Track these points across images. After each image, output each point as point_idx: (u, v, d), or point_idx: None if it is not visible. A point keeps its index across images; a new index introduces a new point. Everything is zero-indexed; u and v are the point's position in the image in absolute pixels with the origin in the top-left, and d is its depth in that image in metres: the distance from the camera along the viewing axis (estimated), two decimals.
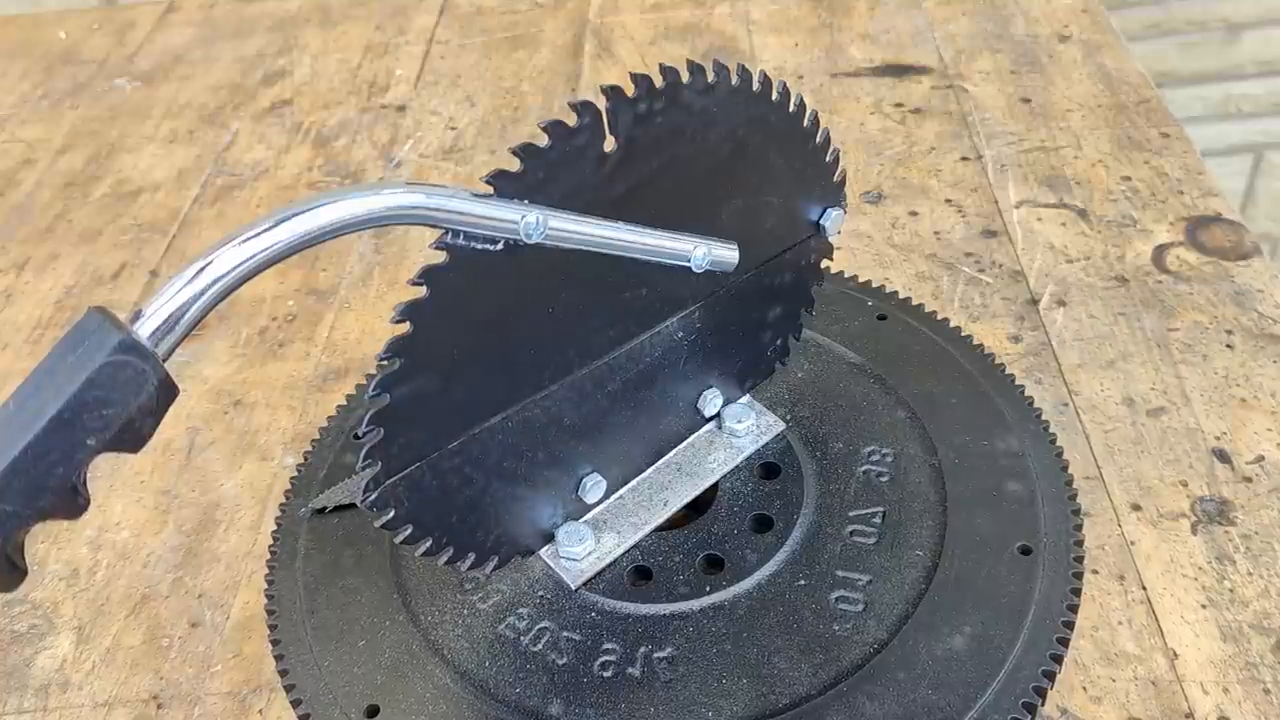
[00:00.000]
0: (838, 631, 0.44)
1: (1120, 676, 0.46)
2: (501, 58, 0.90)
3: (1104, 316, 0.61)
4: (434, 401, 0.40)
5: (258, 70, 0.93)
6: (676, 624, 0.45)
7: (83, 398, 0.30)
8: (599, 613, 0.45)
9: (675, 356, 0.47)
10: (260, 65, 0.94)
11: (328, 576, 0.48)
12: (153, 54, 0.98)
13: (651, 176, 0.42)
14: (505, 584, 0.47)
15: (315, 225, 0.33)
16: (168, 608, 0.54)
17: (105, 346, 0.30)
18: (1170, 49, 1.30)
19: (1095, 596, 0.49)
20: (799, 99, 0.45)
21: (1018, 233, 0.67)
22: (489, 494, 0.44)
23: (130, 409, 0.31)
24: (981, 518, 0.47)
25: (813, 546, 0.47)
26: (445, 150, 0.81)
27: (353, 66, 0.92)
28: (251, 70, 0.93)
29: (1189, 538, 0.50)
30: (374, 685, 0.44)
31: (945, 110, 0.78)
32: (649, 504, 0.49)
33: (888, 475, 0.49)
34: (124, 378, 0.30)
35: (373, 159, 0.81)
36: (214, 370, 0.66)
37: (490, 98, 0.86)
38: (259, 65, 0.94)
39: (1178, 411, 0.56)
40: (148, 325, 0.31)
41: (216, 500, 0.58)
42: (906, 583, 0.45)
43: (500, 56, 0.90)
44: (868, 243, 0.68)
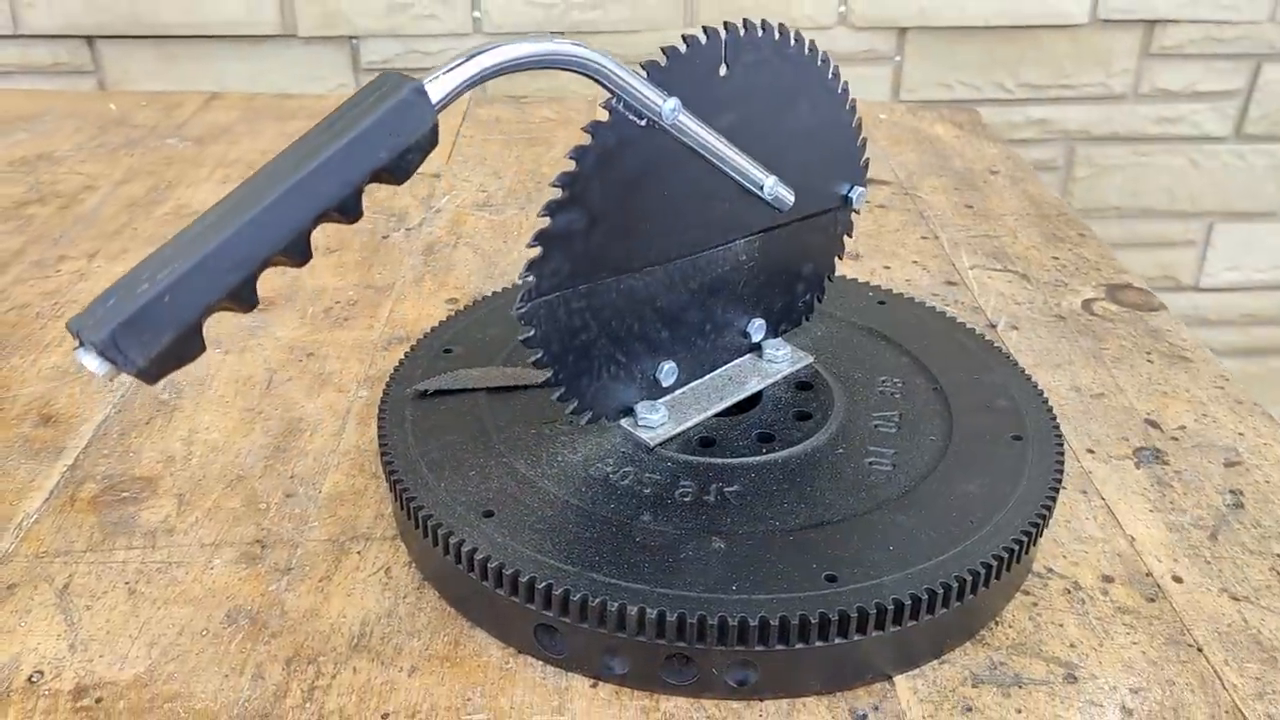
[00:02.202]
0: (873, 480, 0.53)
1: (1091, 550, 0.56)
2: (522, 149, 1.04)
3: (1049, 338, 0.75)
4: (578, 241, 0.50)
5: None
6: (740, 471, 0.54)
7: (385, 120, 0.40)
8: (674, 463, 0.54)
9: (737, 276, 0.58)
10: None
11: (435, 433, 0.56)
12: (200, 126, 1.09)
13: (744, 110, 0.54)
14: (590, 445, 0.55)
15: (536, 52, 0.45)
16: (262, 484, 0.60)
17: (404, 88, 0.40)
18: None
19: (1065, 503, 0.59)
20: (845, 85, 0.59)
21: (974, 284, 0.82)
22: (597, 347, 0.53)
23: (413, 138, 0.40)
24: (979, 419, 0.58)
25: (846, 431, 0.57)
26: (478, 205, 0.93)
27: None
28: None
29: (1134, 470, 0.62)
30: (486, 499, 0.51)
31: (905, 209, 0.94)
32: (707, 398, 0.58)
33: (900, 394, 0.60)
34: (414, 113, 0.41)
35: (413, 206, 0.93)
36: (286, 332, 0.74)
37: (515, 174, 0.99)
38: None
39: (1115, 397, 0.69)
40: (430, 88, 0.42)
41: (299, 416, 0.65)
42: (926, 456, 0.55)
43: (520, 148, 1.04)
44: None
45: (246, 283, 0.38)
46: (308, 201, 0.39)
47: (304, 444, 0.63)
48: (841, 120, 0.59)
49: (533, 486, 0.52)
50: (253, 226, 0.38)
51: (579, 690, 0.47)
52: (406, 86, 0.40)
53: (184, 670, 0.48)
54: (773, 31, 0.54)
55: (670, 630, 0.45)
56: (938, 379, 0.61)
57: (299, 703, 0.46)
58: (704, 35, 0.51)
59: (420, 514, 0.51)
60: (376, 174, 0.40)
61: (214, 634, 0.50)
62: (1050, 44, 1.59)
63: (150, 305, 0.36)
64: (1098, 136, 1.66)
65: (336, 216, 0.40)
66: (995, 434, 0.57)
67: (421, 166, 0.43)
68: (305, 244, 0.39)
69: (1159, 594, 0.53)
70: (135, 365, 0.36)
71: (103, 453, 0.62)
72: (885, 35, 1.56)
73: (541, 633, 0.48)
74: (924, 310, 0.69)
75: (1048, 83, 1.61)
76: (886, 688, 0.48)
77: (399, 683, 0.47)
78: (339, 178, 0.39)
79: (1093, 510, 0.59)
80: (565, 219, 0.49)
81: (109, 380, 0.37)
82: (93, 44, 1.51)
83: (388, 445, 0.55)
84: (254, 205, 0.38)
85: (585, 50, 0.46)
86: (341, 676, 0.48)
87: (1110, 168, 1.68)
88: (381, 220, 0.90)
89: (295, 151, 0.40)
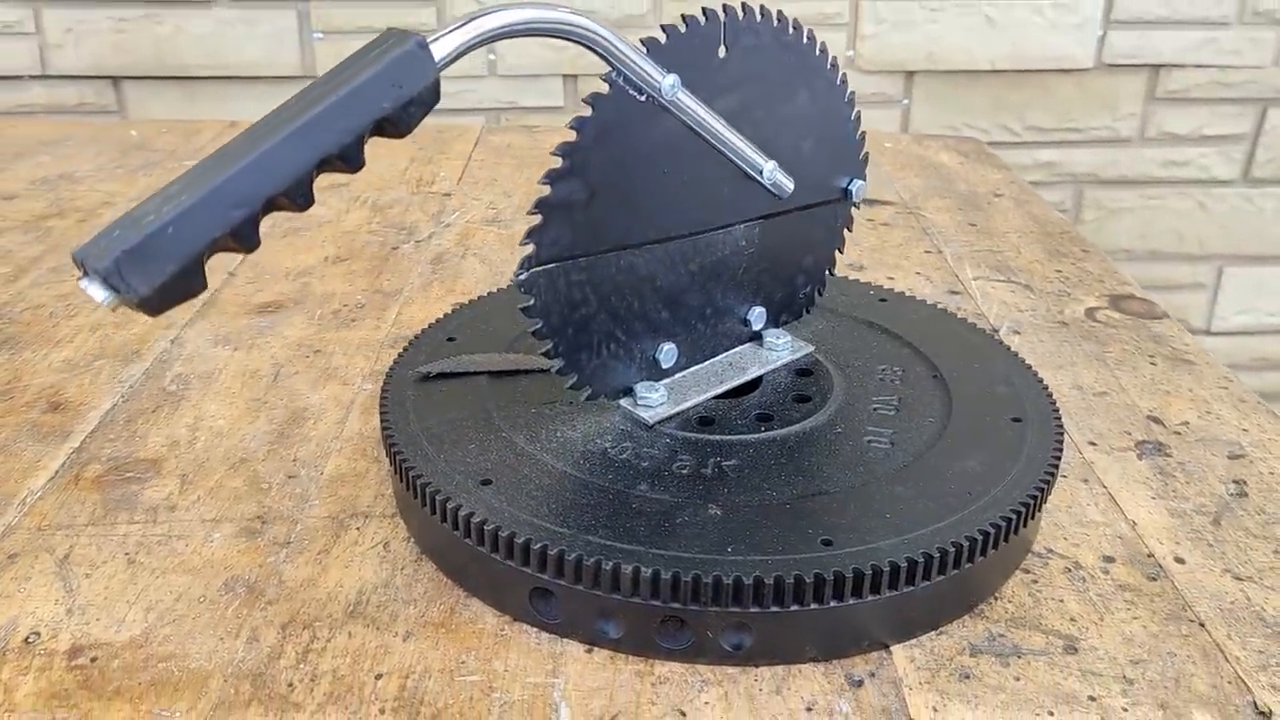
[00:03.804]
0: (871, 456, 0.53)
1: (1093, 533, 0.55)
2: (533, 171, 1.06)
3: (1051, 342, 0.75)
4: (578, 211, 0.51)
5: None
6: (738, 447, 0.54)
7: (389, 71, 0.41)
8: (672, 439, 0.54)
9: (737, 261, 0.59)
10: None
11: (436, 411, 0.56)
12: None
13: (743, 94, 0.55)
14: (589, 423, 0.56)
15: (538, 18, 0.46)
16: (265, 466, 0.60)
17: (407, 42, 0.42)
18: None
19: (1066, 490, 0.59)
20: (844, 78, 0.60)
21: (977, 293, 0.82)
22: (596, 322, 0.54)
23: (415, 90, 0.42)
24: (979, 402, 0.58)
25: (845, 412, 0.57)
26: (488, 220, 0.94)
27: (401, 169, 1.07)
28: None
29: (1137, 461, 0.62)
30: (485, 469, 0.52)
31: (909, 226, 0.95)
32: (707, 381, 0.59)
33: (900, 380, 0.60)
34: (416, 66, 0.42)
35: (424, 220, 0.94)
36: (294, 332, 0.75)
37: (524, 194, 1.01)
38: None
39: (1117, 395, 0.68)
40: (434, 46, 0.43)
41: (303, 406, 0.66)
42: (924, 435, 0.55)
43: (532, 170, 1.06)
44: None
45: (249, 221, 0.39)
46: (311, 145, 0.40)
47: (307, 431, 0.63)
48: (841, 112, 0.60)
49: (531, 459, 0.52)
50: (256, 166, 0.39)
51: (573, 655, 0.47)
52: (411, 40, 0.41)
53: (180, 633, 0.48)
54: (772, 18, 0.55)
55: (665, 590, 0.45)
56: (937, 367, 0.61)
57: (293, 664, 0.46)
58: (703, 16, 0.52)
59: (419, 483, 0.51)
60: (379, 124, 0.41)
61: (211, 600, 0.50)
62: (1057, 88, 1.61)
63: (154, 236, 0.36)
64: (1106, 180, 1.68)
65: (339, 164, 0.41)
66: (995, 416, 0.57)
67: (434, 185, 0.44)
68: (308, 188, 0.40)
69: (1161, 573, 0.53)
70: (138, 294, 0.36)
71: (109, 437, 0.62)
72: (893, 79, 1.58)
73: (537, 598, 0.48)
74: (925, 307, 0.69)
75: (1054, 126, 1.63)
76: (883, 656, 0.47)
77: (394, 647, 0.47)
78: (342, 124, 0.40)
79: (1094, 497, 0.58)
80: (565, 188, 0.50)
81: (112, 310, 0.38)
82: (118, 84, 1.55)
83: (389, 421, 0.55)
84: (258, 146, 0.39)
85: (587, 21, 0.47)
86: (336, 640, 0.48)
87: (1119, 211, 1.69)
88: (392, 233, 0.92)
89: (300, 99, 0.41)
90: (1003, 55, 1.59)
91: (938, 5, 1.55)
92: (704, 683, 0.46)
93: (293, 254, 0.87)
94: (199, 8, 1.47)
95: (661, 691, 0.45)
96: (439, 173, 1.06)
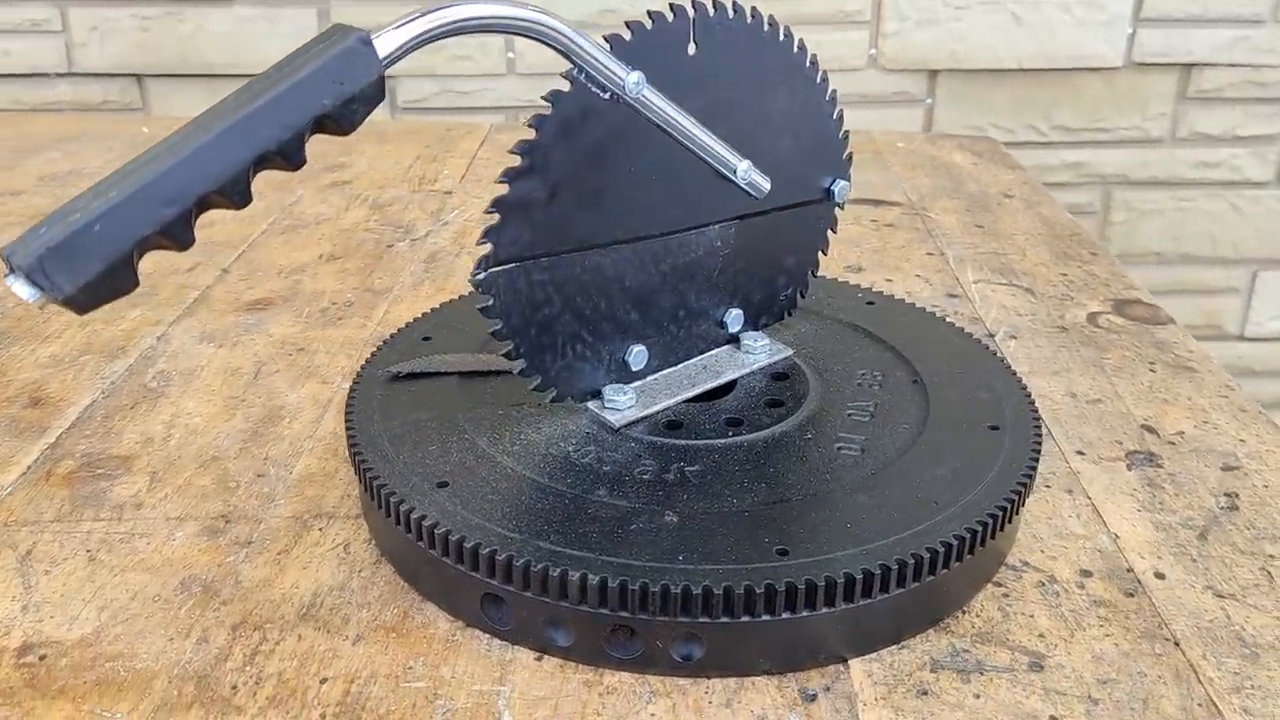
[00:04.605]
0: (839, 463, 0.52)
1: (1072, 546, 0.54)
2: None
3: (1048, 347, 0.73)
4: (539, 211, 0.50)
5: (320, 162, 1.07)
6: (704, 452, 0.53)
7: (330, 66, 0.40)
8: (638, 443, 0.53)
9: (712, 262, 0.58)
10: (323, 159, 1.08)
11: (402, 411, 0.56)
12: None
13: (715, 91, 0.54)
14: (554, 426, 0.55)
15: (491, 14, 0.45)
16: (235, 465, 0.60)
17: (350, 37, 0.41)
18: None
19: (1048, 500, 0.57)
20: (824, 75, 0.58)
21: (976, 297, 0.80)
22: (561, 323, 0.53)
23: (357, 87, 0.41)
24: (957, 408, 0.56)
25: (817, 418, 0.56)
26: None
27: (405, 167, 1.07)
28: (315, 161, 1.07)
29: (1125, 472, 0.60)
30: (443, 471, 0.51)
31: (913, 227, 0.93)
32: (678, 385, 0.58)
33: (878, 385, 0.59)
34: (359, 62, 0.41)
35: (423, 219, 0.94)
36: (279, 330, 0.74)
37: None
38: (322, 159, 1.08)
39: (1112, 403, 0.66)
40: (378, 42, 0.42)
41: (280, 404, 0.66)
42: (897, 442, 0.54)
43: None
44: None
45: (180, 219, 0.38)
46: (247, 142, 0.39)
47: (281, 429, 0.63)
48: (822, 110, 0.59)
49: (491, 461, 0.52)
50: (189, 163, 0.38)
51: (523, 663, 0.46)
52: (353, 36, 0.41)
53: (130, 632, 0.48)
54: (745, 14, 0.54)
55: (613, 599, 0.44)
56: (918, 372, 0.60)
57: (239, 666, 0.46)
58: (671, 13, 0.51)
59: (375, 484, 0.50)
60: (320, 121, 0.41)
61: (165, 600, 0.50)
62: (1085, 87, 1.58)
63: (80, 233, 0.36)
64: (1135, 181, 1.64)
65: (278, 161, 0.40)
66: (971, 423, 0.55)
67: (436, 184, 0.43)
68: (244, 186, 0.40)
69: (1139, 589, 0.51)
70: (63, 292, 0.36)
71: (85, 433, 0.62)
72: (916, 78, 1.56)
73: (488, 603, 0.47)
74: (913, 311, 0.68)
75: (1082, 125, 1.60)
76: (840, 669, 0.46)
77: (342, 650, 0.47)
78: (280, 121, 0.39)
79: (1077, 508, 0.57)
80: (524, 187, 0.49)
81: (40, 308, 0.37)
82: (141, 82, 1.56)
83: (353, 421, 0.55)
84: (193, 142, 0.38)
85: (544, 17, 0.46)
86: (286, 643, 0.47)
87: (1149, 213, 1.65)
88: (389, 231, 0.91)
89: (240, 94, 0.40)
90: (1029, 54, 1.56)
91: (962, 3, 1.52)
92: (652, 694, 0.45)
93: (288, 251, 0.87)
94: (220, 6, 1.48)
95: (608, 702, 0.44)
96: (442, 170, 1.06)
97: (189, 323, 0.76)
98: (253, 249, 0.88)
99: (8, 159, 1.11)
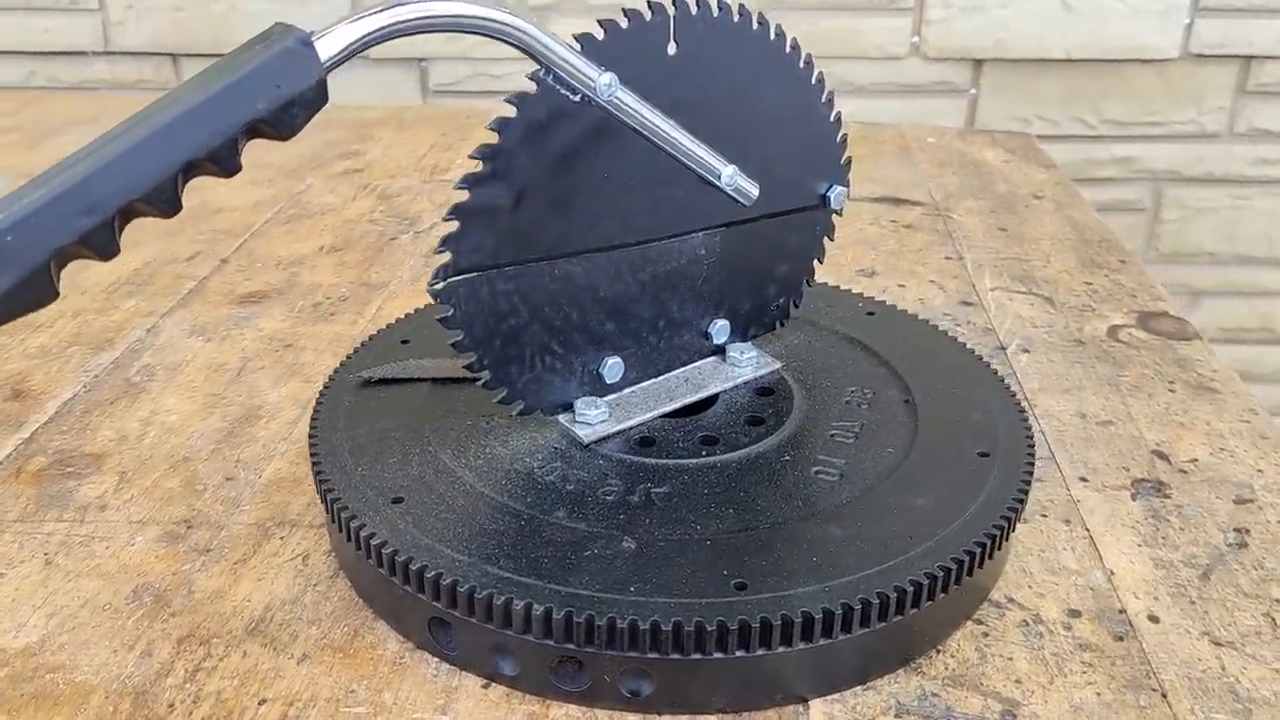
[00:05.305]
0: (814, 489, 0.49)
1: (1063, 583, 0.51)
2: None
3: (1062, 362, 0.70)
4: (503, 218, 0.48)
5: (335, 150, 1.06)
6: (674, 472, 0.50)
7: (266, 69, 0.38)
8: (606, 461, 0.51)
9: (696, 272, 0.55)
10: (338, 146, 1.07)
11: (368, 420, 0.54)
12: None
13: (697, 93, 0.51)
14: (523, 440, 0.53)
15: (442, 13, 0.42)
16: (205, 467, 0.59)
17: (289, 38, 0.39)
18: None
19: (1043, 530, 0.54)
20: (820, 76, 0.56)
21: (991, 305, 0.77)
22: (529, 334, 0.51)
23: (296, 90, 0.39)
24: (947, 432, 0.54)
25: (798, 438, 0.53)
26: None
27: (419, 155, 1.05)
28: (330, 149, 1.06)
29: (1129, 502, 0.56)
30: (400, 486, 0.49)
31: (934, 229, 0.90)
32: (656, 398, 0.55)
33: (867, 404, 0.56)
34: (298, 64, 0.39)
35: (430, 210, 0.92)
36: (270, 324, 0.73)
37: None
38: (336, 146, 1.07)
39: (1123, 425, 0.63)
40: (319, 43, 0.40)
41: (260, 403, 0.64)
42: (879, 467, 0.51)
43: None
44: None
45: (103, 228, 0.37)
46: (174, 147, 0.37)
47: (257, 431, 0.62)
48: (816, 112, 0.56)
49: (451, 476, 0.50)
50: (111, 169, 0.37)
51: (469, 690, 0.45)
52: (292, 36, 0.39)
53: (75, 642, 0.47)
54: (730, 11, 0.51)
55: (558, 630, 0.42)
56: (911, 391, 0.57)
57: (179, 682, 0.45)
58: (649, 10, 0.49)
59: (329, 496, 0.49)
60: (255, 126, 0.39)
61: (115, 609, 0.49)
62: (1137, 79, 1.52)
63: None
64: (1189, 177, 1.58)
65: (210, 168, 0.39)
66: (960, 449, 0.52)
67: (448, 173, 0.41)
68: (172, 193, 0.38)
69: (1129, 632, 0.48)
70: None
71: (61, 429, 0.62)
72: (960, 67, 1.51)
73: (435, 627, 0.45)
74: (915, 323, 0.65)
75: (1134, 119, 1.54)
76: (800, 710, 0.44)
77: (286, 670, 0.45)
78: (210, 125, 0.38)
79: (1073, 540, 0.53)
80: (486, 193, 0.47)
81: None
82: (176, 61, 1.57)
83: (316, 429, 0.53)
84: (116, 147, 0.37)
85: (505, 16, 0.44)
86: (230, 660, 0.46)
87: (1203, 210, 1.59)
88: (394, 223, 0.90)
89: (171, 96, 0.38)
90: (1079, 43, 1.50)
91: None
92: None
93: (289, 242, 0.86)
94: None
95: None
96: (456, 160, 1.04)
97: (181, 314, 0.75)
98: (255, 238, 0.87)
99: (29, 139, 1.11)
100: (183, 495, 0.56)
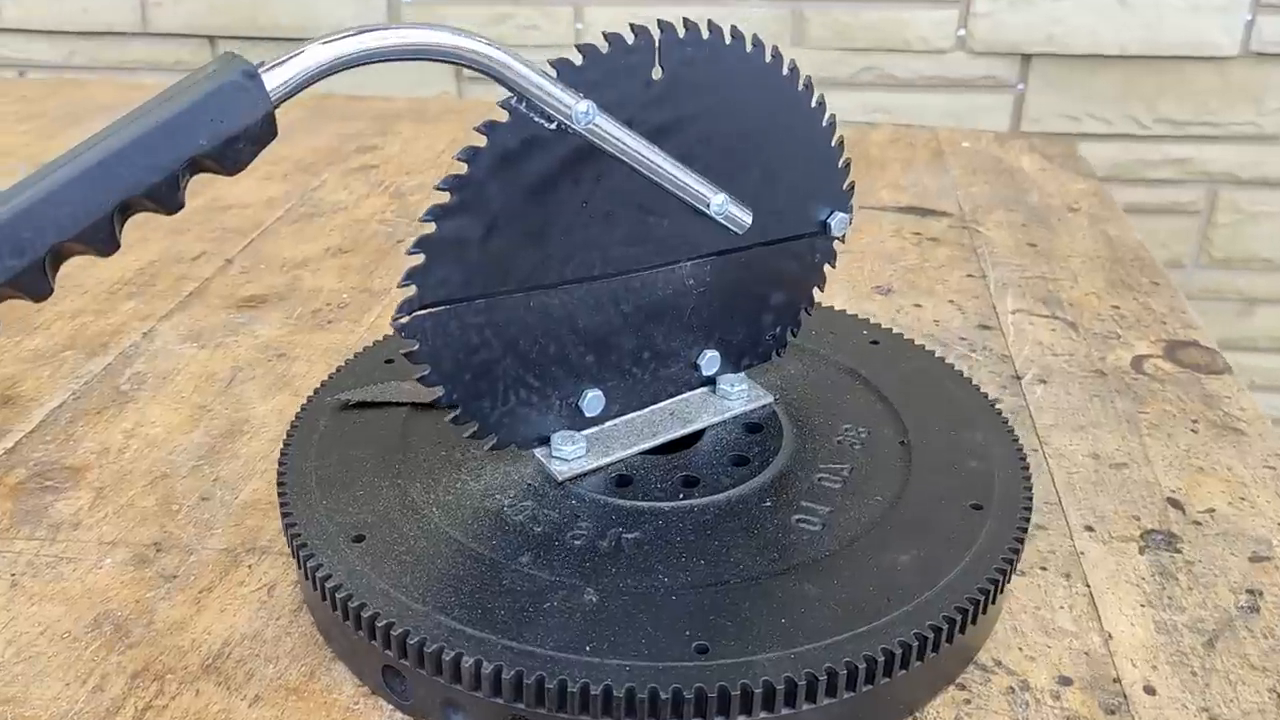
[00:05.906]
0: (793, 540, 0.47)
1: (1056, 646, 0.48)
2: None
3: (1080, 395, 0.66)
4: (472, 250, 0.46)
5: (353, 143, 1.04)
6: (647, 517, 0.48)
7: (208, 103, 0.37)
8: (579, 501, 0.49)
9: (684, 302, 0.53)
10: (356, 140, 1.05)
11: (340, 447, 0.53)
12: None
13: (686, 119, 0.49)
14: (497, 473, 0.51)
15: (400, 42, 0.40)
16: (183, 485, 0.58)
17: (234, 70, 0.37)
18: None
19: (1040, 586, 0.51)
20: (820, 98, 0.53)
21: (1010, 330, 0.73)
22: (502, 367, 0.49)
23: (240, 126, 0.37)
24: (940, 481, 0.51)
25: (782, 481, 0.51)
26: None
27: (437, 151, 1.03)
28: (348, 142, 1.04)
29: (1136, 556, 0.53)
30: (363, 523, 0.48)
31: (959, 243, 0.86)
32: (638, 433, 0.53)
33: (860, 445, 0.53)
34: (242, 99, 0.37)
35: None
36: (266, 331, 0.72)
37: None
38: (355, 139, 1.05)
39: (1138, 468, 0.60)
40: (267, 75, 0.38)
41: (246, 417, 0.63)
42: (864, 517, 0.49)
43: None
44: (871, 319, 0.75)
45: (32, 269, 0.35)
46: (109, 185, 0.36)
47: (239, 447, 0.60)
48: (816, 137, 0.54)
49: (416, 513, 0.48)
50: (42, 208, 0.35)
51: None
52: (237, 69, 0.37)
53: (30, 673, 0.46)
54: (722, 35, 0.49)
55: (508, 689, 0.40)
56: (908, 432, 0.54)
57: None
58: (632, 34, 0.46)
59: (290, 531, 0.47)
60: (197, 162, 0.37)
61: (74, 638, 0.48)
62: (1194, 77, 1.46)
63: None
64: (1245, 180, 1.52)
65: (149, 205, 0.37)
66: (952, 500, 0.49)
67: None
68: (108, 233, 0.36)
69: (1122, 705, 0.45)
70: None
71: (45, 439, 0.61)
72: (1008, 61, 1.46)
73: (389, 674, 0.44)
74: (921, 354, 0.62)
75: (1190, 119, 1.49)
76: None
77: (236, 712, 0.44)
78: (148, 161, 0.36)
79: (1071, 597, 0.51)
80: (453, 225, 0.45)
81: None
82: (214, 43, 1.56)
83: (286, 457, 0.52)
84: (48, 185, 0.35)
85: (476, 43, 0.42)
86: (182, 699, 0.45)
87: (1259, 215, 1.53)
88: (404, 224, 0.88)
89: (109, 129, 0.37)
90: (1134, 39, 1.44)
91: None
92: None
93: (296, 243, 0.85)
94: None
95: None
96: None
97: (179, 318, 0.74)
98: (263, 238, 0.86)
99: (53, 126, 1.11)
100: (156, 515, 0.55)
